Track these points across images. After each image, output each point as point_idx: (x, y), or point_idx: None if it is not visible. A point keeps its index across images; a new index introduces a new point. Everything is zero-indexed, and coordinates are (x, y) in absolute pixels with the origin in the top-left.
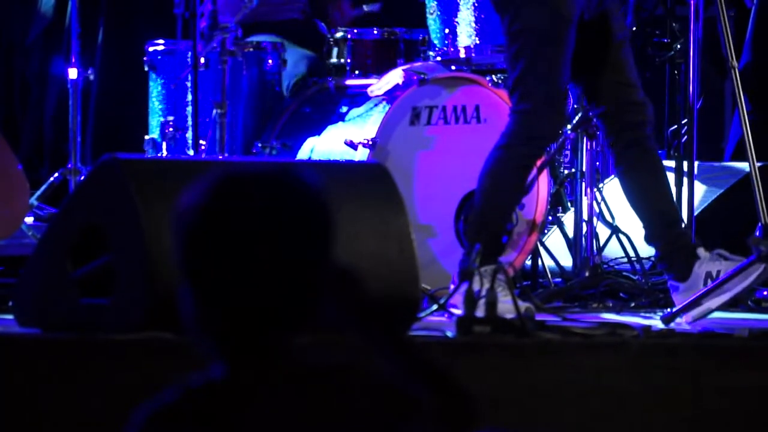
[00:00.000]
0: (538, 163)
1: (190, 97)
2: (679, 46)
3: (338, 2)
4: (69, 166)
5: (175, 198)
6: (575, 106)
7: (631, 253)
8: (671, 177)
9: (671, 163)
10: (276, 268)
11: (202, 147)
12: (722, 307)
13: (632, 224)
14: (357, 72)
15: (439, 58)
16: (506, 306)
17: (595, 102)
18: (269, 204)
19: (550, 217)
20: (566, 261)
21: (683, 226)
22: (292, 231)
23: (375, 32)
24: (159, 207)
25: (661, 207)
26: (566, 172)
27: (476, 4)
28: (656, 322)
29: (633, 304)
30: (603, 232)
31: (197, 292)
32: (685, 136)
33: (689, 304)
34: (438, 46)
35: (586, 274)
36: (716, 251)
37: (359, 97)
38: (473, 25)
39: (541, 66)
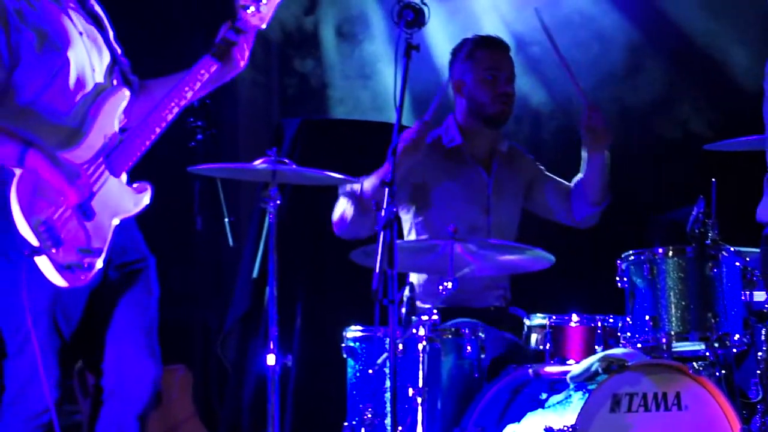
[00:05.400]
0: None
1: (388, 384)
2: None
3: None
4: None
5: None
6: None
7: None
8: None
9: None
10: None
11: None
12: None
13: None
14: (556, 358)
15: (639, 345)
16: None
17: None
18: None
19: None
20: None
21: None
22: None
23: (574, 319)
24: None
25: None
26: None
27: (677, 291)
28: None
29: None
30: None
31: None
32: None
33: None
34: (637, 333)
35: None
36: None
37: (558, 384)
38: (675, 312)
39: None
